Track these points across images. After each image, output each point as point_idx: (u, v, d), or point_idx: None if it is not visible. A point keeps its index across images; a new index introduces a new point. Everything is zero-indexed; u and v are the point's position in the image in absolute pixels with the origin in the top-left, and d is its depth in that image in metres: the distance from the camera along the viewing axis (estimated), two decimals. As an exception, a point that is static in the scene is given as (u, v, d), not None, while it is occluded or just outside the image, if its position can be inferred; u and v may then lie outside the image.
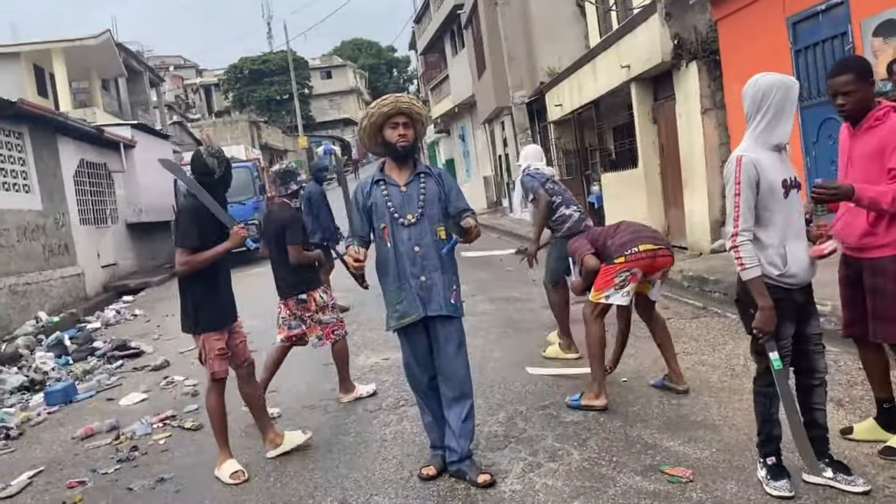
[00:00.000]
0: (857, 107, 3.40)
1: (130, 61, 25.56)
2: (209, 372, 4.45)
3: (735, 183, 3.14)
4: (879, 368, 3.70)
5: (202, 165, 4.37)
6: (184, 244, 4.25)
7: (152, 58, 42.20)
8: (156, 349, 8.83)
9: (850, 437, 3.78)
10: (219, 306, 4.41)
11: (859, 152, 3.46)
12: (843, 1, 7.14)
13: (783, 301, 3.19)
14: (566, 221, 6.20)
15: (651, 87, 11.43)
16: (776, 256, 3.17)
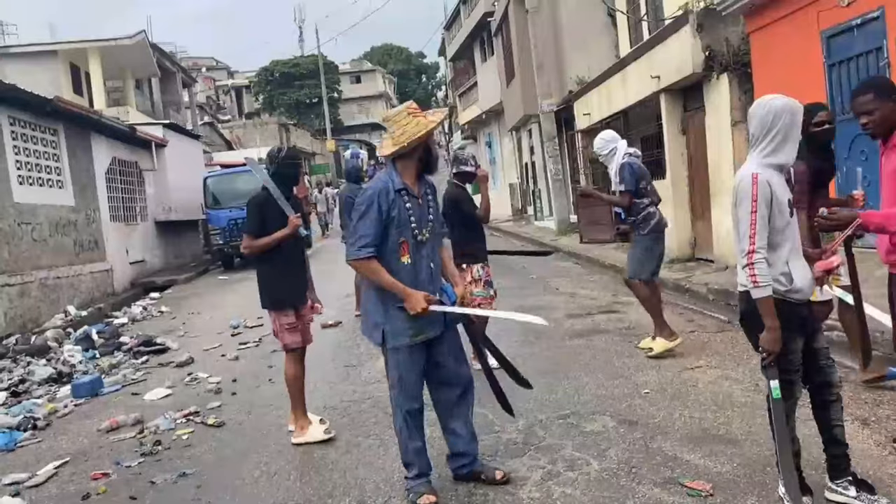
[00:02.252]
0: (882, 124, 3.44)
1: (164, 62, 25.94)
2: (282, 343, 5.00)
3: (752, 200, 3.11)
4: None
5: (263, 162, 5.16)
6: (246, 230, 4.98)
7: (185, 59, 42.80)
8: (181, 346, 8.93)
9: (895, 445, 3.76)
10: (283, 288, 4.95)
11: (888, 169, 3.48)
12: (879, 15, 7.06)
13: (791, 315, 3.18)
14: (651, 219, 6.33)
15: (681, 99, 11.36)
16: (781, 274, 3.17)
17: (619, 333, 7.19)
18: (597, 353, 6.47)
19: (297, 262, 5.06)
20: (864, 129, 3.50)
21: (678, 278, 9.74)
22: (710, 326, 7.20)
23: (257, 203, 4.95)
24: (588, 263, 13.02)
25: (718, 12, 9.63)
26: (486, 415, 5.01)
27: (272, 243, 4.87)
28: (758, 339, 3.20)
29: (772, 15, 8.71)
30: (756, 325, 3.22)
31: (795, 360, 3.25)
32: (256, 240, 4.89)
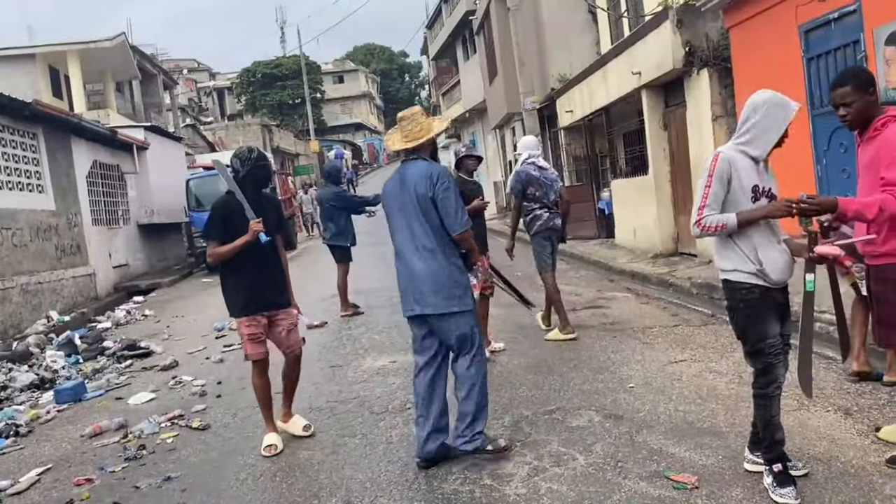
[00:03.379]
0: (858, 117, 3.49)
1: (144, 64, 25.73)
2: (244, 353, 4.86)
3: (708, 175, 3.28)
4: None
5: (231, 167, 4.86)
6: (209, 237, 4.77)
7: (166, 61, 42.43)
8: (165, 349, 8.87)
9: (878, 435, 3.81)
10: (247, 294, 4.75)
11: (862, 162, 3.56)
12: (856, 9, 7.12)
13: (766, 300, 3.32)
14: (537, 221, 7.00)
15: (662, 94, 11.42)
16: (750, 255, 3.29)
17: (603, 328, 7.21)
18: (582, 349, 6.49)
19: (266, 267, 4.78)
20: (842, 120, 3.55)
21: (662, 273, 9.79)
22: (693, 320, 7.24)
23: (219, 208, 4.77)
24: (572, 260, 13.05)
25: (698, 8, 9.69)
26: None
27: (235, 250, 4.65)
28: (740, 323, 3.38)
29: (750, 10, 8.77)
30: (735, 313, 3.38)
31: (775, 343, 3.35)
32: (219, 247, 4.69)
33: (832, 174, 7.67)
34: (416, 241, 4.19)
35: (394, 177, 4.36)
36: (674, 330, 6.87)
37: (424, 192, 4.13)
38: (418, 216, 4.17)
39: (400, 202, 4.24)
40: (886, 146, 3.37)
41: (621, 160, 14.15)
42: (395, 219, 4.30)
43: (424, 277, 4.15)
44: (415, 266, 4.18)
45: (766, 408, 3.37)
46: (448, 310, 4.14)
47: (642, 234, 12.15)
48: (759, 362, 3.38)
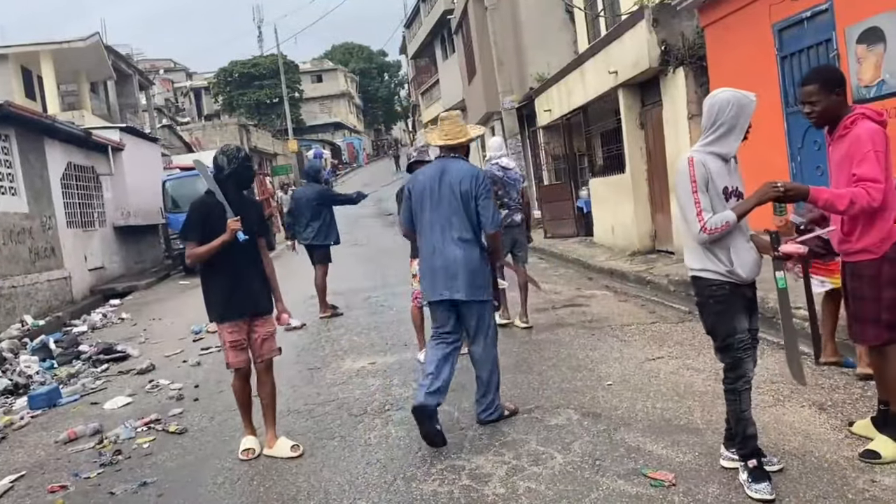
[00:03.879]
0: (823, 115, 3.55)
1: (119, 64, 25.45)
2: (225, 362, 4.71)
3: (691, 181, 3.31)
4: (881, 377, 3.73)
5: (215, 163, 4.69)
6: (187, 237, 4.58)
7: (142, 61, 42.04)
8: (142, 353, 8.78)
9: (851, 429, 3.86)
10: (230, 298, 4.57)
11: (834, 160, 3.61)
12: (828, 8, 7.20)
13: (736, 296, 3.39)
14: None
15: (638, 93, 11.48)
16: (723, 255, 3.35)
17: (582, 326, 7.24)
18: (560, 347, 6.51)
19: (247, 270, 4.63)
20: (807, 117, 3.63)
21: (639, 270, 9.85)
22: (670, 317, 7.28)
23: (197, 208, 4.60)
24: (552, 258, 13.10)
25: (673, 7, 9.75)
26: (452, 412, 5.01)
27: (213, 251, 4.49)
28: (709, 318, 3.48)
29: (725, 9, 8.84)
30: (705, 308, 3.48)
31: (744, 338, 3.42)
32: (198, 247, 4.53)
33: (807, 171, 7.75)
34: (453, 233, 4.58)
35: (430, 169, 4.77)
36: (651, 327, 6.91)
37: (468, 189, 4.55)
38: (458, 210, 4.57)
39: (438, 195, 4.61)
40: (856, 142, 3.40)
41: (599, 159, 14.21)
42: (429, 209, 4.64)
43: (460, 267, 4.54)
44: (450, 255, 4.56)
45: (736, 402, 3.42)
46: (476, 297, 4.59)
47: (620, 231, 12.21)
48: (728, 357, 3.44)
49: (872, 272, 3.48)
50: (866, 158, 3.35)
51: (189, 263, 4.71)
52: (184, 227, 4.61)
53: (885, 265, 3.47)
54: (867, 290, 3.51)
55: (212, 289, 4.65)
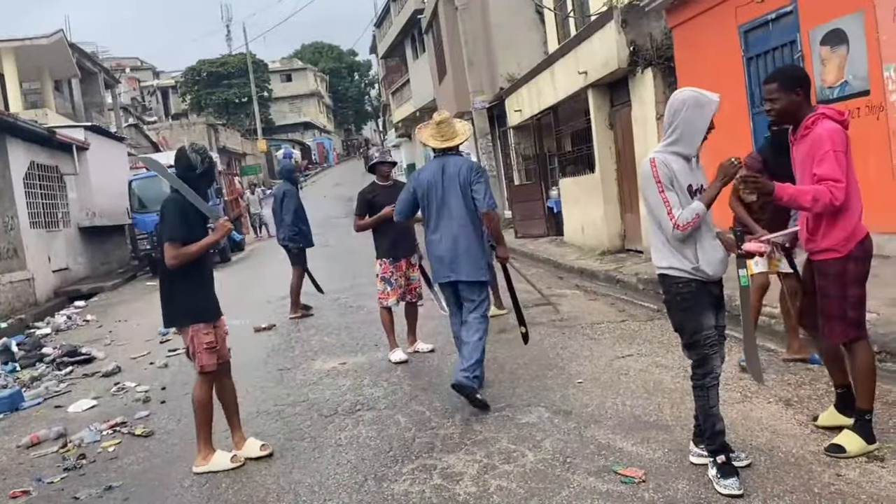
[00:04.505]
0: (781, 113, 3.63)
1: (84, 62, 25.02)
2: (198, 366, 4.43)
3: (656, 182, 3.34)
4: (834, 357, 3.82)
5: (185, 161, 4.48)
6: (173, 237, 4.29)
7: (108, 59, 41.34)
8: (107, 355, 8.63)
9: (816, 423, 3.91)
10: (208, 299, 4.51)
11: (797, 159, 3.67)
12: (792, 10, 7.32)
13: (702, 294, 3.43)
14: None
15: (608, 93, 11.56)
16: (689, 253, 3.39)
17: (553, 325, 7.27)
18: (531, 346, 6.48)
19: (211, 270, 4.66)
20: (767, 114, 3.71)
21: (609, 269, 9.92)
22: (640, 315, 7.34)
23: (178, 206, 4.36)
24: (523, 258, 13.13)
25: (641, 8, 9.84)
26: (423, 412, 5.01)
27: (202, 250, 4.37)
28: (676, 316, 3.51)
29: (692, 10, 8.94)
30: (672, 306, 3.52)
31: (711, 335, 3.45)
32: (183, 247, 4.28)
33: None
34: (455, 222, 5.13)
35: (429, 167, 5.32)
36: (621, 325, 6.96)
37: (465, 177, 5.11)
38: (459, 200, 5.13)
39: (442, 188, 5.16)
40: (817, 142, 3.46)
41: (569, 159, 14.29)
42: (433, 202, 5.19)
43: (463, 252, 5.11)
44: (454, 241, 5.12)
45: (704, 398, 3.46)
46: (476, 278, 5.16)
47: (590, 231, 12.29)
48: (695, 354, 3.48)
49: (838, 270, 3.54)
50: (825, 158, 3.40)
51: (176, 264, 4.29)
52: (171, 227, 4.31)
53: (850, 263, 3.53)
54: (833, 289, 3.56)
55: (191, 291, 4.41)
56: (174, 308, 4.44)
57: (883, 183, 6.42)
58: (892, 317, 5.08)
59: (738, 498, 3.25)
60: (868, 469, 3.41)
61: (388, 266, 6.59)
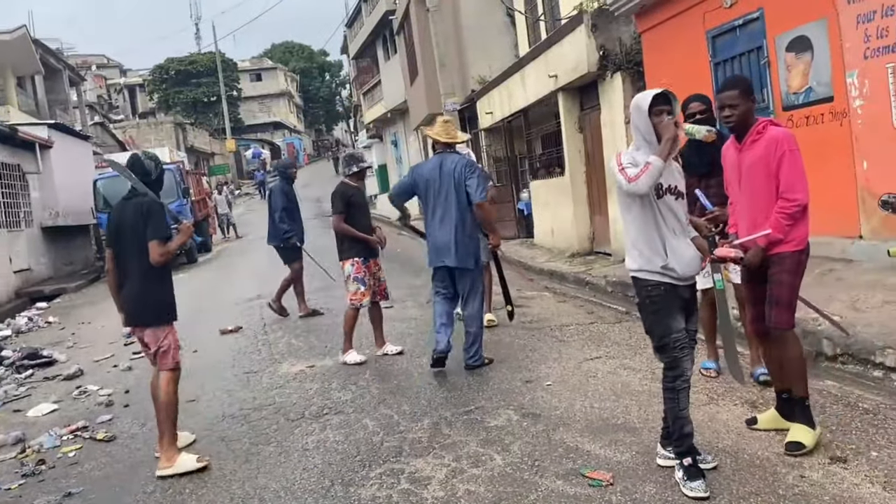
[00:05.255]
0: (741, 119, 3.78)
1: (48, 58, 24.54)
2: (173, 363, 4.57)
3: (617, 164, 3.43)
4: (778, 362, 3.92)
5: (141, 167, 4.67)
6: (163, 236, 4.47)
7: (73, 56, 40.60)
8: (69, 358, 8.45)
9: (755, 426, 3.97)
10: (173, 298, 4.68)
11: (747, 165, 3.81)
12: (759, 17, 7.41)
13: (673, 297, 3.47)
14: None
15: (578, 97, 11.63)
16: (660, 248, 3.43)
17: (522, 327, 7.27)
18: (500, 348, 6.52)
19: None
20: (727, 121, 3.82)
21: (578, 271, 9.97)
22: (608, 317, 7.38)
23: (159, 206, 4.55)
24: (493, 260, 13.13)
25: (611, 13, 9.90)
26: (392, 415, 4.97)
27: (178, 249, 4.60)
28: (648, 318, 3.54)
29: (661, 16, 9.02)
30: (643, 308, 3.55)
31: (681, 338, 3.48)
32: (167, 245, 4.47)
33: (738, 175, 7.95)
34: (451, 212, 5.71)
35: (429, 163, 5.97)
36: (590, 327, 6.99)
37: (461, 173, 5.69)
38: (454, 193, 5.71)
39: (438, 182, 5.75)
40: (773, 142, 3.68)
41: (539, 162, 14.34)
42: (432, 195, 5.80)
43: (452, 242, 5.70)
44: (447, 231, 5.72)
45: (674, 401, 3.48)
46: (464, 265, 5.78)
47: (560, 233, 12.34)
48: (666, 356, 3.50)
49: (795, 260, 3.73)
50: (783, 161, 3.63)
51: (163, 262, 4.47)
52: (160, 227, 4.45)
53: (803, 255, 3.76)
54: (788, 277, 3.72)
55: (168, 290, 4.62)
56: (155, 307, 4.55)
57: (846, 188, 6.53)
58: (854, 320, 5.16)
59: (703, 500, 3.27)
60: (831, 470, 3.45)
61: (360, 266, 6.58)
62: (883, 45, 6.07)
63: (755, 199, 3.77)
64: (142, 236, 4.44)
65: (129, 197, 4.64)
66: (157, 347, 4.55)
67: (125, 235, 4.56)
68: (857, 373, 4.75)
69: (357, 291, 6.57)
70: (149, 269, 4.46)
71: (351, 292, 6.60)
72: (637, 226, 3.47)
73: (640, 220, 3.46)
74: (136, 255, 4.48)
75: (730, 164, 3.95)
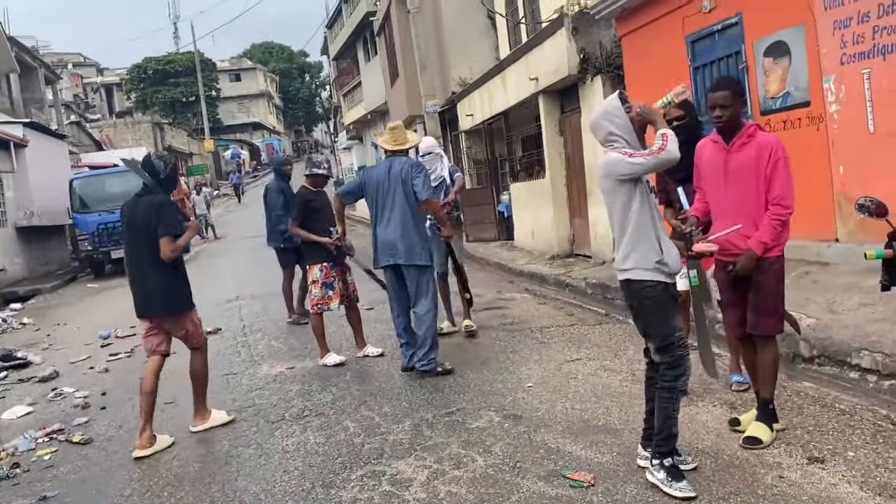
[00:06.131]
0: (732, 120, 3.82)
1: (24, 56, 24.23)
2: (201, 341, 5.13)
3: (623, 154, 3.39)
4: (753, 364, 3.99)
5: (150, 167, 5.01)
6: (171, 232, 4.80)
7: (49, 54, 40.17)
8: (45, 359, 8.33)
9: (738, 428, 3.99)
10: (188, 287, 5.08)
11: (735, 166, 3.84)
12: (737, 22, 7.49)
13: (667, 294, 3.50)
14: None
15: (558, 100, 11.67)
16: (656, 244, 3.44)
17: (503, 329, 7.28)
18: (481, 350, 6.53)
19: None
20: (717, 121, 3.84)
21: (558, 274, 10.00)
22: (588, 319, 7.41)
23: (172, 203, 4.99)
24: (473, 261, 13.15)
25: (592, 16, 9.94)
26: (373, 417, 4.96)
27: (185, 244, 5.01)
28: (641, 323, 3.54)
29: (641, 20, 9.08)
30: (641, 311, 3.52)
31: (682, 335, 3.52)
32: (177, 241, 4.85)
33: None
34: (398, 211, 5.83)
35: (379, 167, 6.13)
36: (570, 329, 7.02)
37: (407, 174, 5.85)
38: (401, 193, 5.84)
39: (387, 184, 5.88)
40: (766, 147, 3.71)
41: (520, 164, 14.39)
42: (381, 196, 5.91)
43: (400, 237, 5.80)
44: (395, 229, 5.81)
45: (672, 402, 3.47)
46: (413, 262, 5.82)
47: (540, 236, 12.38)
48: (670, 356, 3.48)
49: (779, 266, 3.79)
50: (777, 167, 3.67)
51: (173, 257, 4.85)
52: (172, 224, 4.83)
53: (782, 260, 3.83)
54: (772, 283, 3.78)
55: (178, 280, 4.98)
56: (169, 297, 4.91)
57: (822, 192, 6.61)
58: (829, 322, 5.23)
59: (691, 500, 3.29)
60: (809, 471, 3.49)
61: (329, 270, 6.58)
62: (859, 52, 6.15)
63: (744, 202, 3.80)
64: (153, 232, 4.76)
65: (142, 194, 4.96)
66: (182, 332, 5.01)
67: (137, 231, 4.89)
68: (834, 374, 4.80)
69: (323, 297, 6.56)
70: (160, 261, 4.80)
71: (317, 298, 6.58)
72: (635, 223, 3.42)
73: (638, 217, 3.42)
74: (147, 249, 4.81)
75: (711, 164, 3.95)
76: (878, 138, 6.09)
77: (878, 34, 5.95)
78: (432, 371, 5.73)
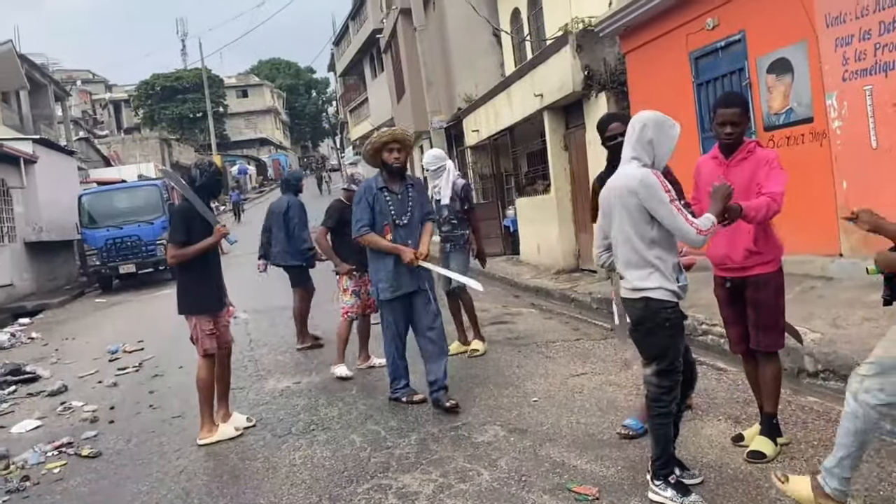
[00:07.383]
0: (740, 137, 3.84)
1: (34, 73, 24.48)
2: (201, 349, 5.16)
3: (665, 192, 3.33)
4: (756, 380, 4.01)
5: (188, 176, 5.35)
6: (173, 240, 5.09)
7: (58, 71, 40.53)
8: (53, 373, 8.39)
9: (741, 443, 4.00)
10: (206, 293, 5.19)
11: (732, 181, 3.78)
12: (741, 39, 7.56)
13: (682, 318, 3.53)
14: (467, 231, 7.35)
15: (563, 116, 11.75)
16: (675, 270, 3.46)
17: (508, 343, 7.31)
18: (487, 364, 6.55)
19: (217, 268, 5.33)
20: (728, 138, 3.80)
21: (564, 288, 10.03)
22: (594, 334, 7.43)
23: (181, 213, 5.13)
24: (478, 276, 13.17)
25: (596, 33, 10.04)
26: (379, 431, 4.98)
27: (200, 252, 5.06)
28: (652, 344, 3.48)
29: (645, 37, 9.17)
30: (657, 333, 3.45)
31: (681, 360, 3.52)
32: (183, 248, 5.01)
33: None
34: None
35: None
36: (575, 344, 7.04)
37: None
38: None
39: None
40: (765, 160, 3.76)
41: (525, 179, 14.45)
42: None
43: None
44: None
45: (667, 426, 3.46)
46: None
47: (545, 250, 12.42)
48: (667, 380, 3.46)
49: (777, 281, 3.82)
50: (774, 170, 3.72)
51: (174, 263, 5.19)
52: (172, 231, 5.12)
53: (779, 275, 3.84)
54: (772, 299, 3.81)
55: (195, 284, 5.14)
56: (183, 299, 5.17)
57: (826, 207, 6.65)
58: (834, 337, 5.24)
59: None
60: (813, 485, 3.50)
61: (357, 280, 6.66)
62: (861, 68, 6.21)
63: None
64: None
65: None
66: (190, 334, 5.21)
67: None
68: (838, 389, 4.80)
69: (354, 305, 6.65)
70: (181, 265, 5.11)
71: (348, 306, 6.66)
72: (660, 244, 3.39)
73: (662, 239, 3.39)
74: None
75: (710, 179, 3.89)
76: (880, 153, 6.14)
77: (880, 51, 6.01)
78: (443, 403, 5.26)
